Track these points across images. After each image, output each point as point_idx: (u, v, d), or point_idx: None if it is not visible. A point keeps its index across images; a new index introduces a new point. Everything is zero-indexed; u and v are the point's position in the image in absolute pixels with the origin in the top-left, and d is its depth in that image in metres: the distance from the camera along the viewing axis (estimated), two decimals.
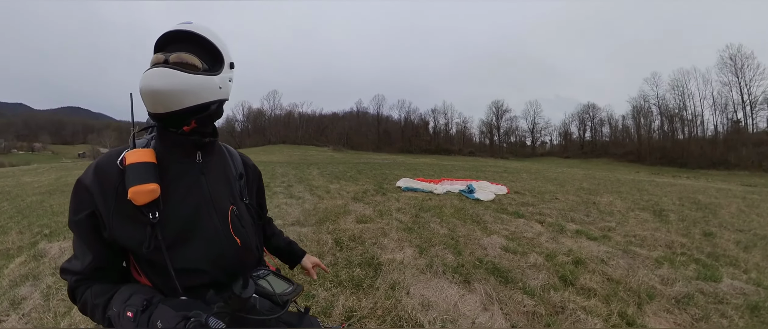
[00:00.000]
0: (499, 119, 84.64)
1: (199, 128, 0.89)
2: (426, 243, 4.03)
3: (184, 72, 0.79)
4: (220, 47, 0.88)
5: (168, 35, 0.83)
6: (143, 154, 0.81)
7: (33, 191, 8.01)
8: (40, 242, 4.07)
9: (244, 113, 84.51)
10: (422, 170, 15.71)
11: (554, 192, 8.74)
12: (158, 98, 0.78)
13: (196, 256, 0.86)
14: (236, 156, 1.11)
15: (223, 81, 0.88)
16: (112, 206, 0.79)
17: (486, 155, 68.22)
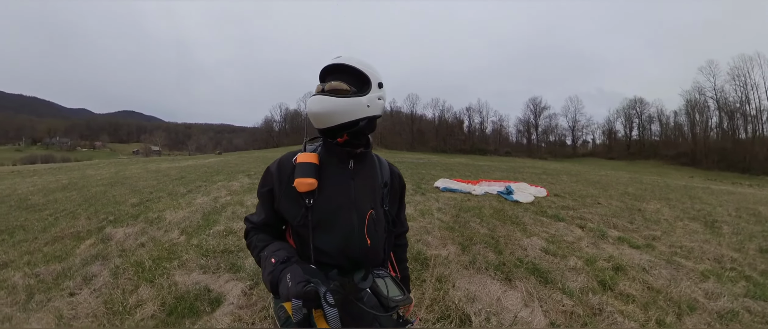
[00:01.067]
0: (537, 116, 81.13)
1: (351, 139, 1.10)
2: (468, 241, 4.32)
3: (334, 97, 1.03)
4: (366, 72, 1.07)
5: (325, 69, 1.08)
6: (310, 157, 1.09)
7: (96, 183, 8.92)
8: (106, 228, 4.72)
9: (281, 114, 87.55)
10: (458, 170, 15.58)
11: (596, 196, 8.61)
12: (317, 118, 1.05)
13: (330, 242, 1.07)
14: (385, 166, 1.27)
15: (371, 100, 1.07)
16: (283, 188, 1.11)
17: (523, 155, 65.48)
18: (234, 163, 14.67)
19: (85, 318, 2.58)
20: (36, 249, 4.10)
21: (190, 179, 9.03)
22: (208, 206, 5.81)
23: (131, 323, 2.49)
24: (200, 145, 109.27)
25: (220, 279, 3.16)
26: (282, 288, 0.91)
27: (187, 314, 2.60)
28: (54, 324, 2.52)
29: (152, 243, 4.14)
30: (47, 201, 6.75)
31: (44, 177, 10.87)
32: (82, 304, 2.77)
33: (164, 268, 3.38)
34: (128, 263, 3.51)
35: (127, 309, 2.67)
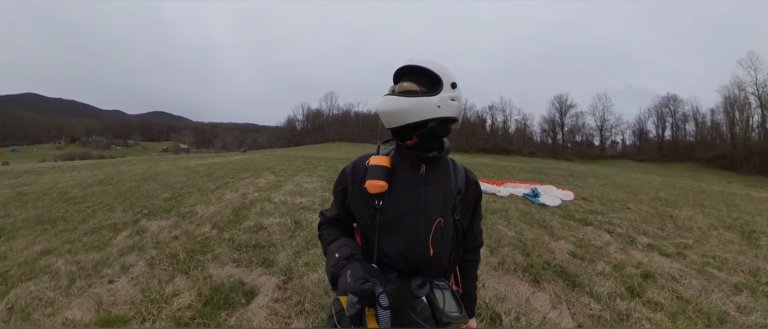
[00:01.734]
0: (563, 115, 75.07)
1: (422, 142, 1.07)
2: (495, 243, 4.30)
3: (403, 97, 1.02)
4: (437, 71, 1.03)
5: (398, 71, 1.09)
6: (382, 160, 1.10)
7: (130, 178, 9.31)
8: (141, 220, 4.91)
9: (303, 113, 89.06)
10: (481, 170, 15.18)
11: (625, 201, 8.32)
12: (385, 118, 1.04)
13: (393, 245, 1.08)
14: (461, 172, 1.20)
15: (443, 100, 1.02)
16: (355, 188, 1.13)
17: (548, 156, 61.63)
18: (259, 160, 14.98)
19: (124, 304, 2.71)
20: (76, 239, 4.34)
21: (217, 176, 9.29)
22: (237, 202, 5.97)
23: (169, 311, 2.59)
24: (226, 143, 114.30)
25: (253, 273, 3.26)
26: (341, 282, 0.94)
27: (223, 305, 2.68)
28: (94, 310, 2.65)
29: (185, 236, 4.30)
30: (85, 194, 7.13)
31: (82, 172, 11.48)
32: (120, 291, 2.92)
33: (198, 260, 3.51)
34: (163, 254, 3.67)
35: (165, 297, 2.78)
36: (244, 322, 2.48)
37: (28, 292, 2.92)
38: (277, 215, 5.10)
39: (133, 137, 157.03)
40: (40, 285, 3.05)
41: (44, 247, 4.05)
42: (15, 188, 8.34)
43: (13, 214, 5.69)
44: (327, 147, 49.27)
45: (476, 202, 1.26)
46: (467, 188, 1.20)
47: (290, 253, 3.72)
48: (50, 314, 2.64)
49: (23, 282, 3.15)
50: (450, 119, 1.06)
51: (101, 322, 2.48)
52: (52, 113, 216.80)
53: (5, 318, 2.62)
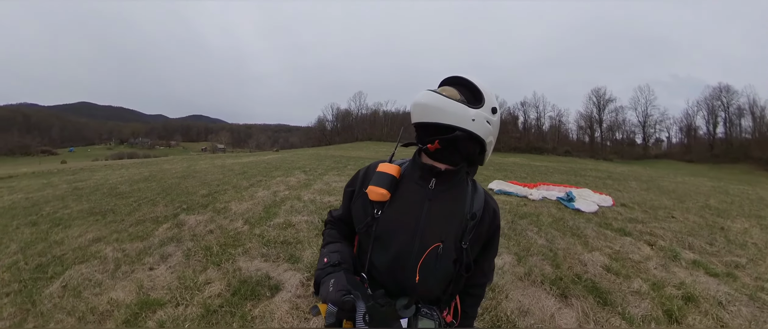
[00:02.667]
0: (601, 110, 67.62)
1: (443, 151, 1.00)
2: (524, 252, 4.13)
3: (440, 95, 0.96)
4: (482, 89, 1.00)
5: (445, 79, 1.07)
6: (390, 167, 1.06)
7: (171, 176, 9.85)
8: (181, 214, 5.25)
9: (333, 113, 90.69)
10: (513, 170, 14.55)
11: (670, 209, 7.70)
12: (418, 110, 0.97)
13: (382, 260, 1.02)
14: (480, 196, 1.09)
15: (479, 116, 0.97)
16: (360, 191, 1.10)
17: (585, 156, 56.22)
18: (290, 160, 15.40)
19: (161, 289, 2.99)
20: (123, 229, 4.71)
21: (251, 174, 9.66)
22: (269, 200, 6.18)
23: (201, 298, 2.78)
24: (259, 143, 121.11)
25: (280, 268, 3.37)
26: (323, 290, 0.91)
27: (249, 296, 2.83)
28: (136, 292, 2.91)
29: (219, 231, 4.52)
30: (132, 190, 7.66)
31: (130, 170, 12.33)
32: (159, 278, 3.19)
33: (230, 254, 3.70)
34: (199, 247, 3.92)
35: (197, 285, 3.00)
36: (268, 314, 2.59)
37: (80, 273, 3.29)
38: (306, 214, 5.23)
39: (174, 138, 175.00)
40: (90, 268, 3.41)
41: (95, 235, 4.46)
42: (72, 183, 9.14)
43: (70, 206, 6.24)
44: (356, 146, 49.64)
45: (492, 234, 1.12)
46: (484, 215, 1.07)
47: (316, 251, 3.80)
48: (97, 293, 2.96)
49: (76, 264, 3.53)
50: (478, 138, 0.99)
51: (141, 303, 2.72)
52: (103, 119, 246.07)
53: (60, 294, 2.97)
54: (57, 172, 13.03)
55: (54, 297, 2.92)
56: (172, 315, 2.57)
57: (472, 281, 1.13)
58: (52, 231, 4.78)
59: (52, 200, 6.89)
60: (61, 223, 5.15)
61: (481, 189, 1.12)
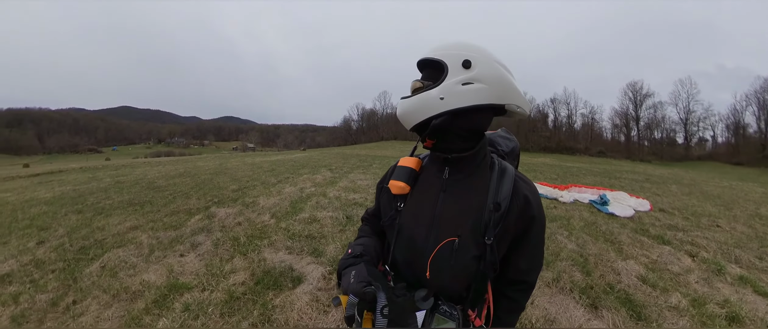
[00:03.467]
0: (638, 107, 60.62)
1: (439, 143, 0.93)
2: (553, 256, 3.95)
3: (407, 98, 0.90)
4: (438, 56, 0.87)
5: (417, 66, 0.96)
6: (410, 161, 1.03)
7: (204, 172, 10.38)
8: (211, 207, 5.51)
9: (358, 113, 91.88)
10: (543, 171, 13.90)
11: (715, 216, 7.09)
12: (402, 122, 0.94)
13: (400, 252, 1.00)
14: (507, 183, 0.94)
15: (448, 89, 0.84)
16: (385, 186, 1.08)
17: (620, 156, 51.09)
18: (317, 158, 15.70)
19: (189, 274, 3.15)
20: (158, 219, 4.97)
21: (279, 171, 9.93)
22: (295, 196, 6.32)
23: (225, 285, 2.89)
24: (287, 142, 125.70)
25: (303, 261, 3.42)
26: (344, 281, 0.89)
27: (272, 287, 2.89)
28: (166, 276, 3.09)
29: (247, 223, 4.66)
30: (168, 184, 8.14)
31: (166, 167, 13.13)
32: (188, 264, 3.37)
33: (256, 245, 3.80)
34: (227, 237, 4.07)
35: (223, 273, 3.12)
36: (288, 304, 2.63)
37: (117, 256, 3.56)
38: (331, 210, 5.29)
39: (207, 138, 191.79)
40: (126, 252, 3.66)
41: (133, 224, 4.75)
42: (114, 177, 9.89)
43: (112, 197, 6.72)
44: (381, 145, 49.90)
45: (526, 228, 0.94)
46: (512, 205, 0.91)
47: (339, 246, 3.83)
48: (131, 275, 3.17)
49: (114, 248, 3.80)
50: (466, 109, 0.84)
51: (170, 286, 2.91)
52: (142, 120, 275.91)
53: (98, 273, 3.24)
54: (101, 168, 14.11)
55: (93, 276, 3.19)
56: (198, 299, 2.69)
57: (505, 280, 1.00)
58: (95, 219, 5.14)
59: (97, 192, 7.44)
60: (103, 212, 5.54)
61: (510, 173, 0.95)
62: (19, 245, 4.15)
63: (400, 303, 0.83)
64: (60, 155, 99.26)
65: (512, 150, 1.18)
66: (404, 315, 0.82)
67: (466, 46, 0.87)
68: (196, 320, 2.44)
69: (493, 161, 0.99)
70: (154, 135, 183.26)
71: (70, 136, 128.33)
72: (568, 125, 66.93)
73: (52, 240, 4.24)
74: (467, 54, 0.85)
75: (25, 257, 3.72)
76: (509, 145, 1.18)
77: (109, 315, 2.54)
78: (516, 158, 1.20)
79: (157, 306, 2.63)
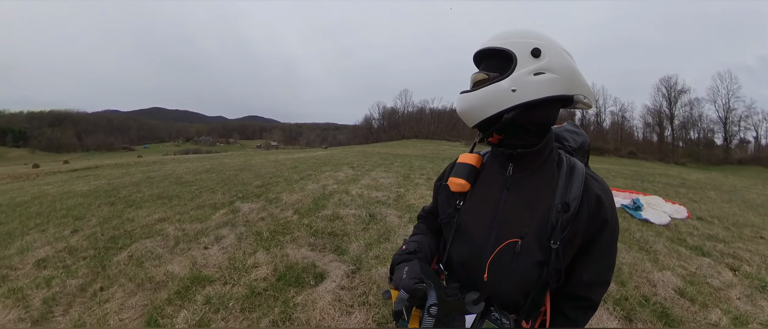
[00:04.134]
0: (672, 104, 54.43)
1: (507, 139, 0.89)
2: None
3: (472, 91, 0.85)
4: (505, 45, 0.82)
5: (474, 62, 0.92)
6: (470, 158, 1.00)
7: (229, 168, 10.66)
8: (236, 202, 5.59)
9: (379, 112, 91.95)
10: None
11: (759, 228, 6.58)
12: (463, 118, 0.89)
13: (459, 253, 0.95)
14: (578, 181, 0.86)
15: (519, 80, 0.79)
16: (443, 184, 1.06)
17: (653, 158, 46.65)
18: (338, 156, 15.77)
19: (212, 267, 3.21)
20: (184, 212, 5.10)
21: (302, 169, 10.02)
22: (318, 192, 6.34)
23: (247, 279, 2.91)
24: (309, 140, 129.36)
25: (326, 258, 3.40)
26: (396, 276, 0.88)
27: (294, 283, 2.87)
28: (189, 267, 3.16)
29: (270, 218, 4.71)
30: (195, 179, 8.38)
31: (194, 163, 13.64)
32: (211, 256, 3.42)
33: (278, 240, 3.82)
34: (250, 231, 4.12)
35: (246, 267, 3.14)
36: (310, 302, 2.59)
37: (144, 247, 3.68)
38: (353, 207, 5.26)
39: (232, 136, 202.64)
40: (153, 243, 3.78)
41: (161, 216, 4.89)
42: (145, 173, 10.35)
43: (143, 191, 6.98)
44: (403, 144, 49.80)
45: (596, 233, 0.85)
46: (582, 207, 0.83)
47: (362, 244, 3.79)
48: (157, 265, 3.26)
49: (142, 239, 3.94)
50: (538, 101, 0.79)
51: (192, 278, 2.95)
52: (172, 120, 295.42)
53: (126, 262, 3.37)
54: (134, 164, 14.80)
55: (120, 265, 3.31)
56: (219, 293, 2.70)
57: (565, 295, 0.90)
58: (126, 211, 5.34)
59: (128, 185, 7.76)
60: (133, 204, 5.75)
61: (580, 171, 0.88)
62: (55, 232, 4.37)
63: (450, 303, 0.80)
64: (96, 152, 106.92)
65: (581, 145, 1.09)
66: (452, 317, 0.79)
67: (532, 33, 0.83)
68: (216, 313, 2.44)
69: (561, 157, 0.92)
70: (182, 134, 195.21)
71: (105, 135, 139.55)
72: (596, 124, 61.72)
73: (85, 230, 4.43)
74: (536, 42, 0.80)
75: (60, 244, 3.93)
76: (578, 140, 1.10)
77: (133, 303, 2.61)
78: (585, 155, 1.12)
79: (179, 297, 2.67)
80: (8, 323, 2.45)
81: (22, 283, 3.03)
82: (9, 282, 3.10)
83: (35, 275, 3.20)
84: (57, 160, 43.52)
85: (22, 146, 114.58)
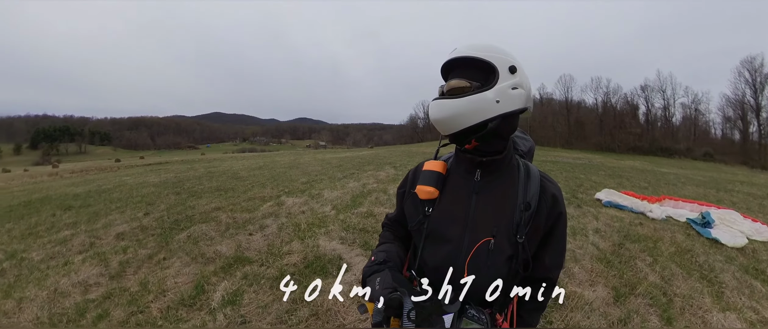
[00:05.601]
0: (758, 92, 42.13)
1: (481, 146, 0.93)
2: (626, 288, 3.16)
3: (452, 98, 0.86)
4: (487, 57, 0.86)
5: (444, 67, 0.94)
6: (436, 164, 1.02)
7: (280, 166, 11.52)
8: (282, 196, 6.08)
9: (424, 111, 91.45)
10: (630, 177, 11.39)
11: None
12: (439, 125, 0.91)
13: (433, 258, 0.98)
14: (534, 182, 0.97)
15: (501, 92, 0.85)
16: (409, 191, 1.09)
17: (734, 161, 37.74)
18: (383, 156, 16.05)
19: (253, 251, 3.64)
20: (237, 203, 5.64)
21: (346, 167, 10.40)
22: (357, 190, 6.57)
23: (280, 263, 3.24)
24: (356, 140, 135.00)
25: (352, 252, 3.56)
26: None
27: (319, 271, 3.11)
28: (235, 249, 3.61)
29: (310, 212, 5.02)
30: (249, 175, 9.25)
31: (249, 161, 15.14)
32: (254, 242, 3.86)
33: (314, 232, 4.09)
34: (290, 223, 4.47)
35: (280, 253, 3.50)
36: (326, 287, 2.81)
37: (201, 230, 4.29)
38: (388, 206, 5.38)
39: (284, 137, 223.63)
40: (208, 227, 4.38)
41: (217, 205, 5.49)
42: (207, 168, 11.74)
43: (203, 183, 7.90)
44: None
45: (553, 225, 0.98)
46: (541, 204, 0.95)
47: None
48: (209, 245, 3.83)
49: (199, 223, 4.57)
50: (515, 112, 0.88)
51: (235, 258, 3.44)
52: (230, 123, 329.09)
53: (185, 240, 3.99)
54: (197, 160, 17.03)
55: (180, 242, 3.94)
56: (255, 272, 3.12)
57: (530, 280, 1.00)
58: (188, 199, 6.06)
59: (192, 179, 8.84)
60: (195, 194, 6.51)
61: (535, 172, 0.99)
62: (131, 214, 5.20)
63: (427, 306, 0.83)
64: (166, 150, 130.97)
65: (529, 149, 1.19)
66: (431, 319, 0.82)
67: (506, 51, 0.90)
68: (249, 287, 2.87)
69: (517, 161, 1.01)
70: (239, 135, 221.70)
71: (173, 136, 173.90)
72: (664, 119, 52.42)
73: (154, 213, 5.18)
74: (511, 60, 0.88)
75: (135, 223, 4.72)
76: (526, 145, 1.19)
77: (187, 272, 3.21)
78: (532, 158, 1.22)
79: (223, 271, 3.17)
80: (92, 276, 3.20)
81: (105, 249, 3.86)
82: (95, 247, 3.98)
83: (115, 244, 4.02)
84: (134, 156, 52.22)
85: (106, 145, 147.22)
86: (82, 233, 4.52)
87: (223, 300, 2.66)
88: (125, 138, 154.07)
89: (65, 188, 8.99)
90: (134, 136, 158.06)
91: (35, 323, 2.53)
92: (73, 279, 3.14)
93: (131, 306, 2.68)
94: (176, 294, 2.80)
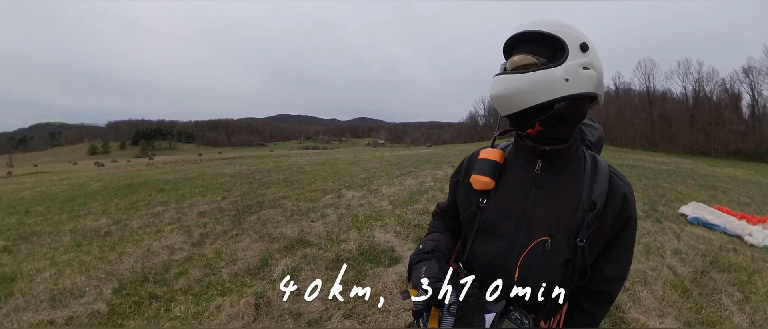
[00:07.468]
0: None
1: (545, 132, 0.82)
2: (702, 326, 2.51)
3: (516, 74, 0.78)
4: (557, 32, 0.77)
5: (508, 43, 0.85)
6: (493, 153, 0.93)
7: (340, 162, 12.20)
8: (342, 190, 6.45)
9: (484, 108, 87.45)
10: (726, 190, 9.09)
11: None
12: (498, 103, 0.82)
13: (483, 252, 0.91)
14: (602, 178, 0.85)
15: (570, 70, 0.75)
16: (462, 180, 1.01)
17: None
18: (441, 154, 15.93)
19: (314, 235, 3.98)
20: (301, 194, 6.14)
21: (404, 165, 10.57)
22: (414, 188, 6.68)
23: (336, 249, 3.49)
24: (414, 139, 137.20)
25: (405, 246, 3.65)
26: (414, 276, 0.86)
27: (371, 260, 3.26)
28: (297, 233, 3.96)
29: (368, 205, 5.26)
30: (312, 169, 9.99)
31: (312, 157, 16.40)
32: (315, 228, 4.23)
33: (370, 224, 4.27)
34: (349, 214, 4.75)
35: (338, 240, 3.77)
36: (377, 276, 2.93)
37: (269, 214, 4.85)
38: None
39: (345, 135, 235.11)
40: (275, 212, 4.95)
41: (283, 194, 6.07)
42: (275, 163, 13.00)
43: (272, 175, 8.73)
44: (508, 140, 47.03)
45: (620, 230, 0.85)
46: (607, 204, 0.82)
47: None
48: (275, 227, 4.29)
49: (268, 208, 5.10)
50: (585, 95, 0.77)
51: (298, 240, 3.83)
52: (295, 123, 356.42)
53: (255, 222, 4.55)
54: (267, 156, 19.17)
55: (251, 223, 4.51)
56: (314, 254, 3.44)
57: (585, 291, 0.88)
58: (259, 188, 6.76)
59: (262, 171, 9.84)
60: (264, 184, 7.26)
61: (604, 167, 0.86)
62: (211, 198, 6.02)
63: (470, 302, 0.78)
64: (240, 147, 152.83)
65: (598, 140, 1.03)
66: (471, 316, 0.78)
67: (576, 28, 0.80)
68: (307, 266, 3.18)
69: (584, 153, 0.90)
70: (303, 134, 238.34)
71: (246, 135, 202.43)
72: None
73: (230, 198, 5.95)
74: (582, 37, 0.78)
75: (214, 205, 5.50)
76: (595, 134, 1.03)
77: (255, 247, 3.69)
78: (600, 149, 1.07)
79: (285, 250, 3.58)
80: (177, 243, 3.92)
81: (189, 223, 4.69)
82: (181, 221, 4.84)
83: (197, 220, 4.83)
84: (213, 152, 62.34)
85: (191, 142, 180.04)
86: (171, 209, 5.47)
87: (282, 273, 3.03)
88: (206, 137, 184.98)
89: (159, 175, 10.70)
90: (213, 135, 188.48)
91: (130, 272, 3.22)
92: (163, 243, 3.88)
93: (206, 268, 3.21)
94: (244, 263, 3.26)
